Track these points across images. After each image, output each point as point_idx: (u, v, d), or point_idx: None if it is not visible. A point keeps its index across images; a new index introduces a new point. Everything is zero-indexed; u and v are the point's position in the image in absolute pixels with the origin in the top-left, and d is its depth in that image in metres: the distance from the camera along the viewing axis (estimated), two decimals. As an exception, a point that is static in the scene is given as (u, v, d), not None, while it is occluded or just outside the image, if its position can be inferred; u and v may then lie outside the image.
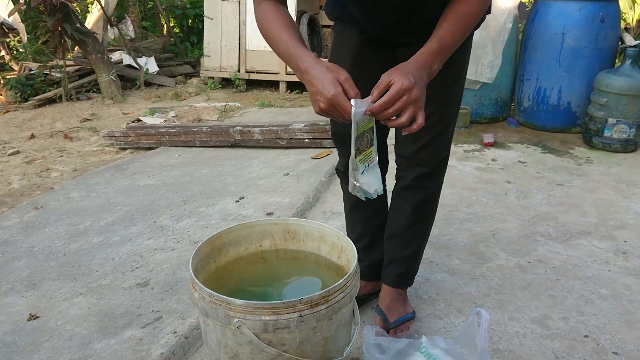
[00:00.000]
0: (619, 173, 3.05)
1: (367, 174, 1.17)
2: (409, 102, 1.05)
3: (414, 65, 1.09)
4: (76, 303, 1.80)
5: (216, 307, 1.04)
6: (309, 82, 1.10)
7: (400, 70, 1.07)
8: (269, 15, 1.21)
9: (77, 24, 5.24)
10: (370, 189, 1.18)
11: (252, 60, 5.90)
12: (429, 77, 1.12)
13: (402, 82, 1.04)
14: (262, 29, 1.24)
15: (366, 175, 1.17)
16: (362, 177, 1.16)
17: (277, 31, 1.19)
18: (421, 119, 1.08)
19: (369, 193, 1.18)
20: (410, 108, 1.06)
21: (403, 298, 1.66)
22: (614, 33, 3.62)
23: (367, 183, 1.17)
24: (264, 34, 1.23)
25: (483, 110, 4.03)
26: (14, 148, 3.94)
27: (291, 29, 1.19)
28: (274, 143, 3.55)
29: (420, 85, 1.07)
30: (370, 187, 1.18)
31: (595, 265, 2.04)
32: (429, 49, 1.12)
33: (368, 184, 1.17)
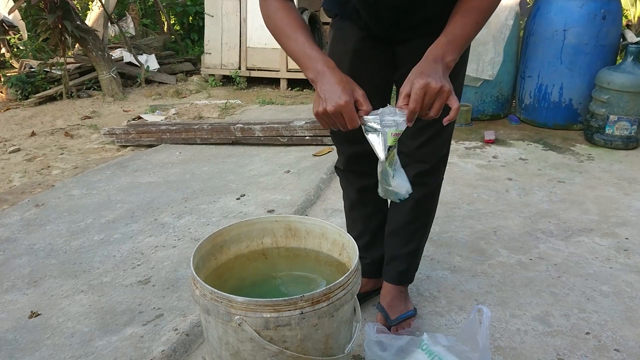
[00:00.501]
0: (621, 170, 3.05)
1: (396, 176, 1.18)
2: (433, 96, 1.05)
3: (425, 63, 1.09)
4: (77, 300, 1.80)
5: (217, 304, 1.04)
6: (323, 84, 1.09)
7: (413, 74, 1.08)
8: (279, 13, 1.21)
9: (77, 22, 5.24)
10: (402, 190, 1.19)
11: (253, 58, 5.89)
12: (446, 68, 1.10)
13: (418, 82, 1.04)
14: (272, 27, 1.23)
15: (396, 177, 1.18)
16: (393, 181, 1.17)
17: (291, 30, 1.18)
18: (455, 104, 1.07)
19: (400, 194, 1.20)
20: (438, 101, 1.06)
21: (404, 295, 1.66)
22: (616, 30, 3.61)
23: (398, 185, 1.19)
24: (273, 32, 1.23)
25: (484, 108, 4.02)
26: (15, 146, 3.94)
27: (305, 29, 1.19)
28: (275, 140, 3.54)
29: (437, 77, 1.06)
30: (402, 188, 1.19)
31: (596, 263, 2.04)
32: (438, 42, 1.12)
33: (399, 186, 1.19)
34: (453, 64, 1.12)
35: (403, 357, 1.36)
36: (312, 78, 1.13)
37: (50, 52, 6.16)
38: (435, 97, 1.05)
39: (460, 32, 1.13)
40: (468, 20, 1.13)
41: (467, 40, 1.15)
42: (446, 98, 1.06)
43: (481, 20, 1.15)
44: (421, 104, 1.05)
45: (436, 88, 1.04)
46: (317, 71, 1.11)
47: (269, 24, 1.24)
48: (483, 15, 1.15)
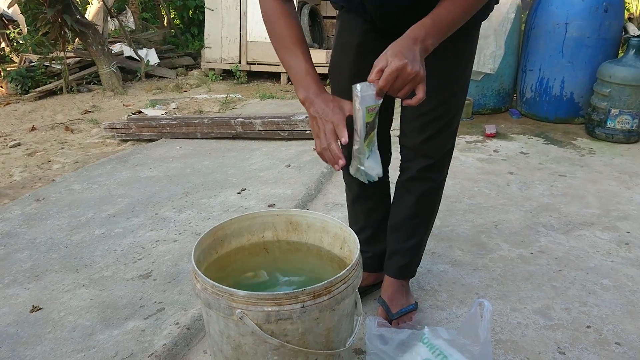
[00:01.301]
0: (622, 164, 3.04)
1: (371, 158, 1.19)
2: (405, 80, 1.05)
3: (405, 42, 1.07)
4: (79, 294, 1.81)
5: (218, 298, 1.04)
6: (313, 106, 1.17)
7: (391, 50, 1.07)
8: (279, 21, 1.23)
9: (77, 16, 5.22)
10: (373, 172, 1.20)
11: (253, 52, 5.87)
12: (424, 51, 1.09)
13: (394, 63, 1.03)
14: (270, 33, 1.26)
15: (371, 159, 1.19)
16: (367, 161, 1.18)
17: (290, 43, 1.22)
18: (421, 94, 1.07)
19: (371, 176, 1.20)
20: (409, 85, 1.06)
21: (405, 289, 1.66)
22: (618, 23, 3.59)
23: (371, 167, 1.19)
24: (272, 38, 1.26)
25: (485, 101, 4.01)
26: (15, 140, 3.94)
27: (303, 43, 1.23)
28: (276, 134, 3.54)
29: (414, 61, 1.05)
30: (374, 170, 1.20)
31: (597, 256, 2.04)
32: (421, 23, 1.10)
33: (372, 167, 1.19)
34: (432, 48, 1.11)
35: (404, 351, 1.36)
36: (302, 100, 1.20)
37: (50, 47, 6.16)
38: (408, 81, 1.05)
39: (446, 17, 1.11)
40: (456, 7, 1.11)
41: (452, 27, 1.13)
42: (417, 84, 1.06)
43: (468, 10, 1.13)
44: (391, 84, 1.05)
45: (411, 73, 1.04)
46: (307, 97, 1.18)
47: (267, 29, 1.26)
48: (472, 6, 1.13)
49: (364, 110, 1.10)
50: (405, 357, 1.34)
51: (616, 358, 1.49)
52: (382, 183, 1.64)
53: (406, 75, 1.04)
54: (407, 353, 1.35)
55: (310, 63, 1.22)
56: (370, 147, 1.18)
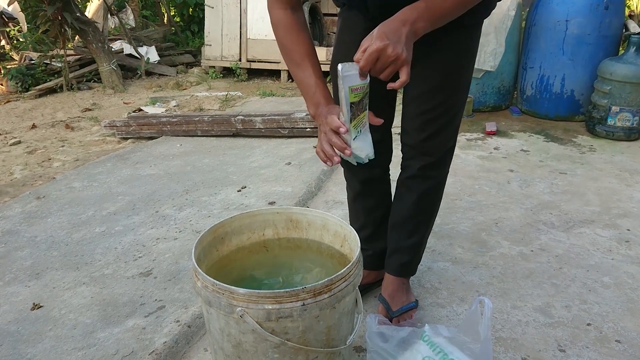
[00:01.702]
0: (622, 161, 3.04)
1: (359, 139, 1.16)
2: (386, 62, 1.04)
3: (392, 24, 1.06)
4: (79, 292, 1.81)
5: (219, 296, 1.04)
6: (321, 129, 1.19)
7: (377, 30, 1.05)
8: (288, 34, 1.25)
9: (77, 13, 5.22)
10: (362, 153, 1.17)
11: (254, 49, 5.87)
12: (413, 34, 1.07)
13: (375, 44, 1.02)
14: (279, 45, 1.28)
15: (358, 140, 1.16)
16: (354, 143, 1.15)
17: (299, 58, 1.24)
18: (404, 77, 1.05)
19: (360, 158, 1.17)
20: (390, 67, 1.05)
21: (406, 287, 1.66)
22: (619, 20, 3.58)
23: (359, 148, 1.16)
24: (281, 50, 1.28)
25: (486, 99, 4.00)
26: (16, 138, 3.94)
27: (312, 56, 1.24)
28: (276, 132, 3.54)
29: (397, 43, 1.03)
30: (362, 151, 1.17)
31: (598, 254, 2.04)
32: (414, 5, 1.08)
33: (360, 148, 1.16)
34: (422, 32, 1.09)
35: (405, 349, 1.36)
36: (312, 115, 1.22)
37: (50, 44, 6.15)
38: (389, 63, 1.04)
39: (441, 4, 1.09)
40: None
41: (446, 16, 1.11)
42: (400, 66, 1.05)
43: (464, 2, 1.12)
44: (372, 65, 1.04)
45: (391, 56, 1.02)
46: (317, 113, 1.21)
47: (277, 40, 1.28)
48: None
49: (346, 89, 1.08)
50: (406, 354, 1.34)
51: (616, 356, 1.49)
52: (383, 181, 1.64)
53: (387, 57, 1.03)
54: (408, 351, 1.35)
55: (320, 76, 1.23)
56: (358, 128, 1.15)
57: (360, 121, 1.16)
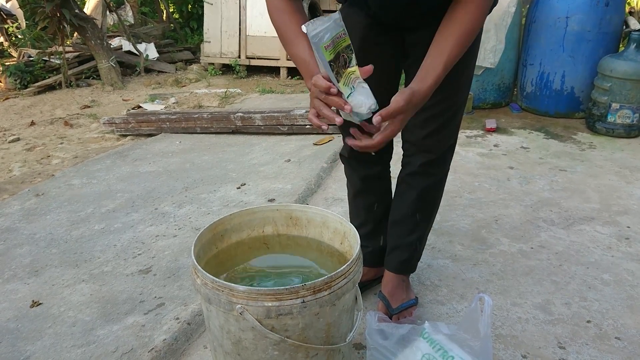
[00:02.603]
0: (622, 158, 3.04)
1: (353, 95, 1.07)
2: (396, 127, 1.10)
3: (415, 99, 1.10)
4: (78, 290, 1.80)
5: (219, 293, 1.04)
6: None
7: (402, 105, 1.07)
8: (283, 16, 1.21)
9: (75, 10, 5.20)
10: (362, 109, 1.07)
11: (253, 46, 5.85)
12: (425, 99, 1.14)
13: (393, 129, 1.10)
14: (276, 28, 1.25)
15: (354, 96, 1.07)
16: (349, 99, 1.06)
17: (293, 35, 1.19)
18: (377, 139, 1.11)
19: (361, 115, 1.08)
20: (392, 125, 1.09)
21: (406, 284, 1.66)
22: (619, 17, 3.57)
23: (357, 104, 1.06)
24: (277, 32, 1.24)
25: (486, 96, 4.00)
26: (14, 135, 3.93)
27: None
28: (275, 129, 3.53)
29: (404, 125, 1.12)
30: (360, 107, 1.07)
31: (598, 251, 2.04)
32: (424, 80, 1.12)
33: (358, 105, 1.06)
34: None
35: (404, 346, 1.36)
36: (308, 87, 1.16)
37: (49, 41, 6.13)
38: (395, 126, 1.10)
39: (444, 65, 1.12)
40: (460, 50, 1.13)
41: (452, 65, 1.14)
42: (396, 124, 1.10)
43: (465, 43, 1.14)
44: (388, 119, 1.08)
45: (400, 122, 1.10)
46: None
47: (273, 23, 1.25)
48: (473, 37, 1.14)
49: (319, 49, 1.01)
50: (406, 352, 1.34)
51: (616, 352, 1.49)
52: (384, 177, 1.64)
53: (397, 123, 1.09)
54: (408, 348, 1.35)
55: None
56: (350, 85, 1.07)
57: (349, 77, 1.07)
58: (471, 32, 1.13)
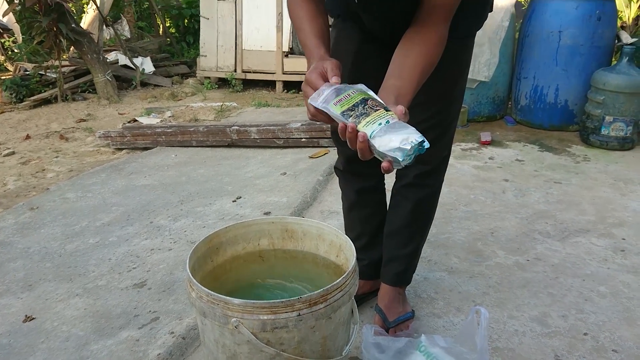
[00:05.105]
0: (617, 171, 3.05)
1: (378, 133, 0.92)
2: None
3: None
4: (72, 304, 1.79)
5: (214, 306, 1.03)
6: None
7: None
8: (298, 6, 1.22)
9: (72, 24, 5.22)
10: (391, 144, 0.90)
11: (249, 60, 5.88)
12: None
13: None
14: (292, 20, 1.25)
15: (378, 136, 0.91)
16: (376, 141, 0.91)
17: (300, 22, 1.20)
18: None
19: (396, 156, 0.90)
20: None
21: (402, 297, 1.65)
22: (611, 31, 3.62)
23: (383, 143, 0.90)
24: (292, 21, 1.25)
25: (480, 109, 4.02)
26: (10, 149, 3.92)
27: (314, 21, 1.19)
28: (271, 143, 3.54)
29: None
30: (390, 142, 0.90)
31: (594, 263, 2.04)
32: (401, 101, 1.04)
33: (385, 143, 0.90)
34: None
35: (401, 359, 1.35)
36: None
37: (45, 55, 6.15)
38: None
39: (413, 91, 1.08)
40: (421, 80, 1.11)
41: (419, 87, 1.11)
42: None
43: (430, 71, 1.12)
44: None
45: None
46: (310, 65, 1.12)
47: (289, 14, 1.26)
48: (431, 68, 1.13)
49: (328, 109, 0.97)
50: (402, 365, 1.33)
51: (614, 365, 1.48)
52: (378, 190, 1.64)
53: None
54: (404, 361, 1.34)
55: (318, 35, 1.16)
56: (371, 123, 0.93)
57: (379, 117, 0.93)
58: (435, 62, 1.13)
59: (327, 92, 1.00)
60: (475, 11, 1.31)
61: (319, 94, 1.00)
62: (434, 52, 1.12)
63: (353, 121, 0.94)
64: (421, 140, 0.91)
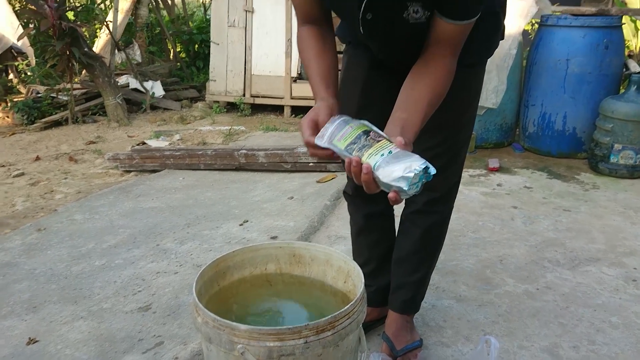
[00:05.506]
0: (626, 199, 3.02)
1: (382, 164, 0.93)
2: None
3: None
4: (76, 327, 1.77)
5: (220, 332, 1.02)
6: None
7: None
8: (306, 41, 1.25)
9: (85, 48, 5.30)
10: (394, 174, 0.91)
11: (257, 85, 5.94)
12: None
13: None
14: (300, 54, 1.28)
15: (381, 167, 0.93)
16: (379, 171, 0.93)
17: (307, 60, 1.23)
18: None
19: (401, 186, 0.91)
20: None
21: (410, 325, 1.63)
22: (619, 59, 3.63)
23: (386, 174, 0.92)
24: (300, 56, 1.28)
25: (488, 135, 4.02)
26: (19, 170, 3.94)
27: (321, 58, 1.21)
28: (279, 167, 3.54)
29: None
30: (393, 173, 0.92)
31: (605, 293, 2.01)
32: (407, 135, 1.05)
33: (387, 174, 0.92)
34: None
35: (409, 389, 1.33)
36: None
37: (58, 78, 6.23)
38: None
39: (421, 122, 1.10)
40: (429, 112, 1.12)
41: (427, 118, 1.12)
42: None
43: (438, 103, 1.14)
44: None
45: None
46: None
47: (298, 52, 1.28)
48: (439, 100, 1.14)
49: (332, 145, 1.02)
50: (410, 396, 1.30)
51: (628, 399, 1.44)
52: (387, 215, 1.63)
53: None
54: (412, 392, 1.31)
55: (324, 74, 1.19)
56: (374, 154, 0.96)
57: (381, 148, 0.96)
58: (442, 95, 1.14)
59: (330, 130, 1.04)
60: (485, 39, 1.32)
61: (323, 134, 1.05)
62: (440, 85, 1.13)
63: (357, 154, 0.97)
64: (424, 166, 0.92)
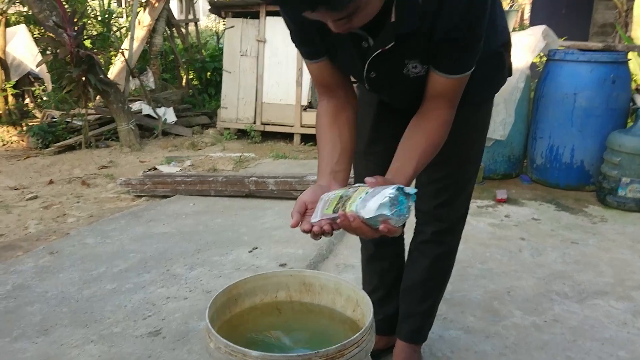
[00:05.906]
0: (635, 232, 3.02)
1: (359, 205, 1.00)
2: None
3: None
4: (87, 350, 1.79)
5: (232, 358, 1.04)
6: None
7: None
8: (322, 119, 1.30)
9: (100, 75, 5.43)
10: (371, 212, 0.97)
11: (268, 113, 6.03)
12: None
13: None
14: (316, 127, 1.33)
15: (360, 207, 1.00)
16: (362, 212, 0.99)
17: (320, 141, 1.30)
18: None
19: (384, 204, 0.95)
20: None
21: (417, 355, 1.64)
22: (626, 94, 3.67)
23: (368, 211, 0.98)
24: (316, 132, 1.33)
25: (496, 167, 4.05)
26: (33, 193, 4.01)
27: (332, 148, 1.27)
28: (288, 194, 3.58)
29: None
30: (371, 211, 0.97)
31: (612, 327, 2.00)
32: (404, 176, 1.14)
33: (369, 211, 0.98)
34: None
35: (416, 420, 1.33)
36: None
37: (73, 103, 6.36)
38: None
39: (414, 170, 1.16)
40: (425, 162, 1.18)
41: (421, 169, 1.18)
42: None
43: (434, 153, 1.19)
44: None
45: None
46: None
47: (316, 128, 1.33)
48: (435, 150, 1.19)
49: (324, 215, 1.09)
50: None
51: None
52: (397, 244, 1.66)
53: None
54: (419, 422, 1.31)
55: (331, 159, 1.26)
56: (353, 202, 1.02)
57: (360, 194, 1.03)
58: (438, 144, 1.20)
59: (320, 206, 1.13)
60: (488, 79, 1.36)
61: (316, 212, 1.13)
62: (436, 135, 1.18)
63: (341, 211, 1.04)
64: (397, 187, 0.96)
